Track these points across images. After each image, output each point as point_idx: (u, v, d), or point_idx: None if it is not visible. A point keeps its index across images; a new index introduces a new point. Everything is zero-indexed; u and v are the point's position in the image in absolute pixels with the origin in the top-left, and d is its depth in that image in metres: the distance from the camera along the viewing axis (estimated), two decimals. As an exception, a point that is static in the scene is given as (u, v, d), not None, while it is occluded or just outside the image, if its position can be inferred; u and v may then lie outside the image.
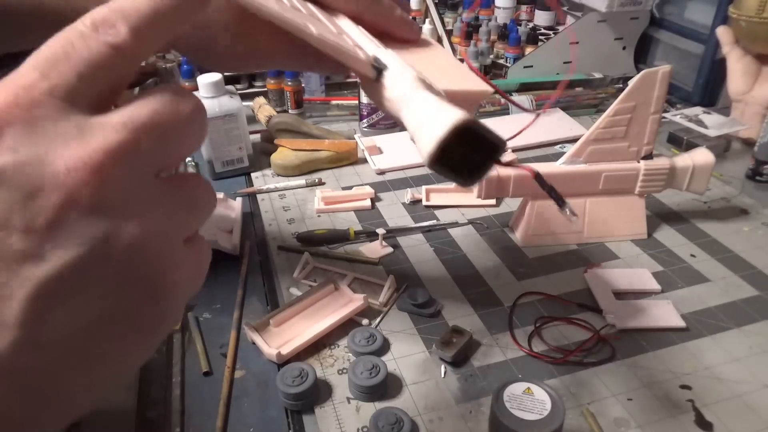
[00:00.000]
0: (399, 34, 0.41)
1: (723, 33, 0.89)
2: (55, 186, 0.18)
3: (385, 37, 0.39)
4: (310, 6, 0.36)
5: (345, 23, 0.38)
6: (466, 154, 0.25)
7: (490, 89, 0.37)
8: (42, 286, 0.18)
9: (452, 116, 0.25)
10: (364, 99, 0.91)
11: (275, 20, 0.30)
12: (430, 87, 0.30)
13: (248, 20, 0.39)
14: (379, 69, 0.31)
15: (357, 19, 0.39)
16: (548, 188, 0.35)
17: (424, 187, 0.76)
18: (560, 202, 0.38)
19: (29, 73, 0.19)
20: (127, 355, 0.21)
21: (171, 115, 0.21)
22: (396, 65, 0.31)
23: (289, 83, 0.98)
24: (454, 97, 0.32)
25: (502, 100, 0.98)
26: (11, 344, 0.18)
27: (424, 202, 0.75)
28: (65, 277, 0.18)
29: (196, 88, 0.79)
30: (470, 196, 0.74)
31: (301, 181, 0.80)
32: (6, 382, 0.18)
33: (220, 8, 0.40)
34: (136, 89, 1.19)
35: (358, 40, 0.35)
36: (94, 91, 0.20)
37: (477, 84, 0.36)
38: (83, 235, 0.18)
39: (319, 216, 0.74)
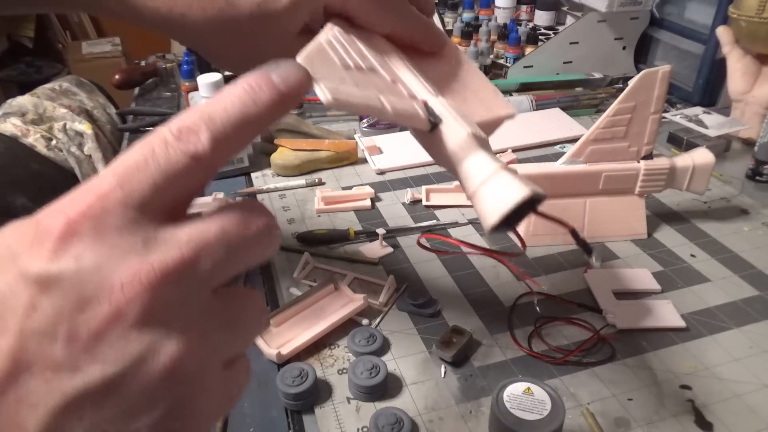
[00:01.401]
0: (428, 48, 0.40)
1: (723, 33, 0.89)
2: (106, 299, 0.18)
3: (412, 49, 0.39)
4: (357, 43, 0.35)
5: (393, 60, 0.37)
6: (516, 211, 0.29)
7: (514, 111, 0.39)
8: (70, 399, 0.18)
9: (514, 195, 0.28)
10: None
11: (361, 113, 0.30)
12: (482, 141, 0.31)
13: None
14: (434, 123, 0.32)
15: (389, 37, 0.38)
16: (581, 242, 0.39)
17: (424, 187, 0.76)
18: (589, 252, 0.41)
19: (107, 179, 0.19)
20: None
21: (238, 235, 0.21)
22: (449, 118, 0.32)
23: (289, 83, 0.98)
24: (488, 125, 0.36)
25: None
26: None
27: (424, 202, 0.75)
28: (95, 392, 0.18)
29: (196, 88, 0.79)
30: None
31: (301, 181, 0.80)
32: None
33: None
34: (136, 89, 1.19)
35: (408, 83, 0.35)
36: (167, 200, 0.20)
37: (504, 108, 0.39)
38: (122, 351, 0.18)
39: (319, 216, 0.74)
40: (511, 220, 0.29)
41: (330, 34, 0.34)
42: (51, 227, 0.19)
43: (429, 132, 0.32)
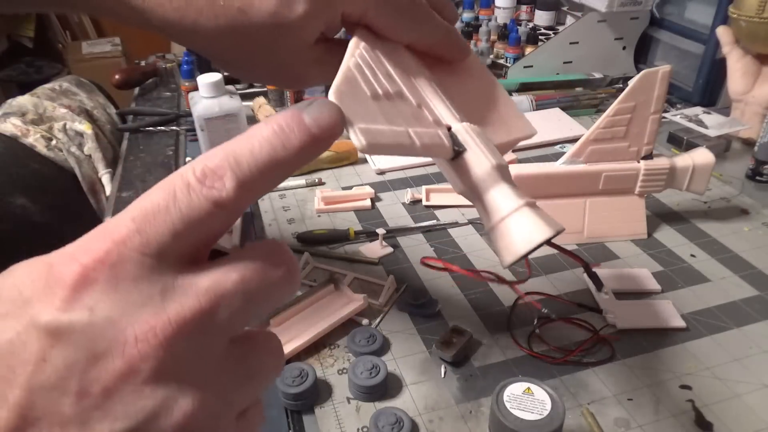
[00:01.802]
0: (450, 57, 0.39)
1: (723, 33, 0.89)
2: (119, 354, 0.18)
3: (434, 60, 0.38)
4: (384, 61, 0.34)
5: (419, 79, 0.36)
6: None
7: (534, 131, 0.39)
8: None
9: (536, 235, 0.28)
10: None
11: (391, 154, 0.30)
12: (504, 171, 0.31)
13: (331, 54, 0.36)
14: (458, 152, 0.31)
15: (410, 47, 0.37)
16: (593, 277, 0.39)
17: (424, 187, 0.76)
18: (599, 287, 0.41)
19: (125, 224, 0.19)
20: None
21: (258, 284, 0.20)
22: (473, 147, 0.31)
23: (289, 83, 0.98)
24: (506, 146, 0.36)
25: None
26: None
27: (424, 202, 0.75)
28: None
29: (196, 88, 0.79)
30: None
31: (301, 181, 0.80)
32: None
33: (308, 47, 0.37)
34: (136, 89, 1.19)
35: (434, 106, 0.34)
36: (187, 246, 0.19)
37: (523, 129, 0.39)
38: (134, 407, 0.18)
39: (319, 216, 0.74)
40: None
41: (357, 53, 0.32)
42: (64, 274, 0.18)
43: (451, 160, 0.31)
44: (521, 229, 0.29)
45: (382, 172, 0.83)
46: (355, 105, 0.27)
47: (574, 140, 0.85)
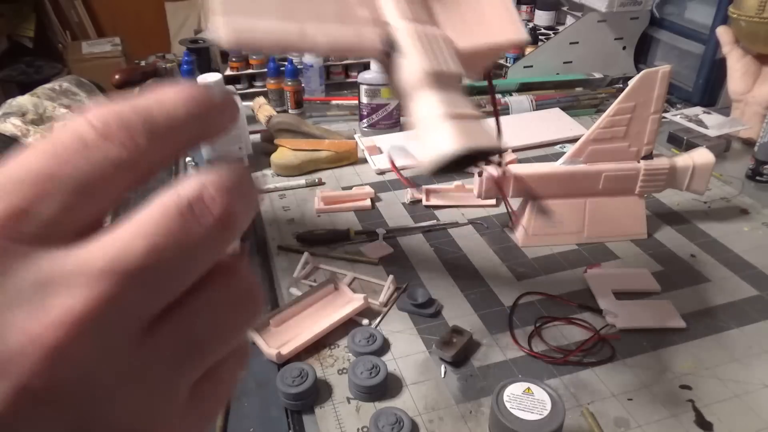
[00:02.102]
0: None
1: (723, 33, 0.89)
2: (2, 374, 0.13)
3: None
4: None
5: None
6: (461, 160, 0.29)
7: (524, 37, 0.36)
8: None
9: (447, 147, 0.28)
10: (364, 99, 0.91)
11: (276, 51, 0.28)
12: (444, 79, 0.30)
13: None
14: (390, 54, 0.31)
15: None
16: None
17: (424, 187, 0.76)
18: (508, 209, 0.39)
19: None
20: None
21: (179, 242, 0.14)
22: (412, 51, 0.30)
23: (289, 83, 0.98)
24: (487, 51, 0.33)
25: (503, 100, 0.98)
26: None
27: (424, 202, 0.75)
28: None
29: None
30: (470, 196, 0.74)
31: (301, 181, 0.80)
32: None
33: None
34: (136, 89, 1.19)
35: (381, 3, 0.32)
36: (80, 218, 0.14)
37: (509, 32, 0.35)
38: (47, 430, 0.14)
39: (319, 216, 0.73)
40: (461, 163, 0.29)
41: None
42: None
43: (389, 61, 0.31)
44: (435, 139, 0.29)
45: (382, 172, 0.83)
46: (240, 2, 0.26)
47: (574, 140, 0.84)
